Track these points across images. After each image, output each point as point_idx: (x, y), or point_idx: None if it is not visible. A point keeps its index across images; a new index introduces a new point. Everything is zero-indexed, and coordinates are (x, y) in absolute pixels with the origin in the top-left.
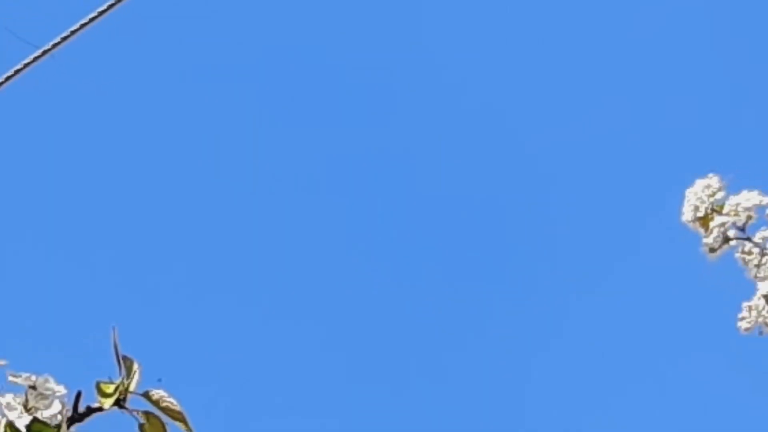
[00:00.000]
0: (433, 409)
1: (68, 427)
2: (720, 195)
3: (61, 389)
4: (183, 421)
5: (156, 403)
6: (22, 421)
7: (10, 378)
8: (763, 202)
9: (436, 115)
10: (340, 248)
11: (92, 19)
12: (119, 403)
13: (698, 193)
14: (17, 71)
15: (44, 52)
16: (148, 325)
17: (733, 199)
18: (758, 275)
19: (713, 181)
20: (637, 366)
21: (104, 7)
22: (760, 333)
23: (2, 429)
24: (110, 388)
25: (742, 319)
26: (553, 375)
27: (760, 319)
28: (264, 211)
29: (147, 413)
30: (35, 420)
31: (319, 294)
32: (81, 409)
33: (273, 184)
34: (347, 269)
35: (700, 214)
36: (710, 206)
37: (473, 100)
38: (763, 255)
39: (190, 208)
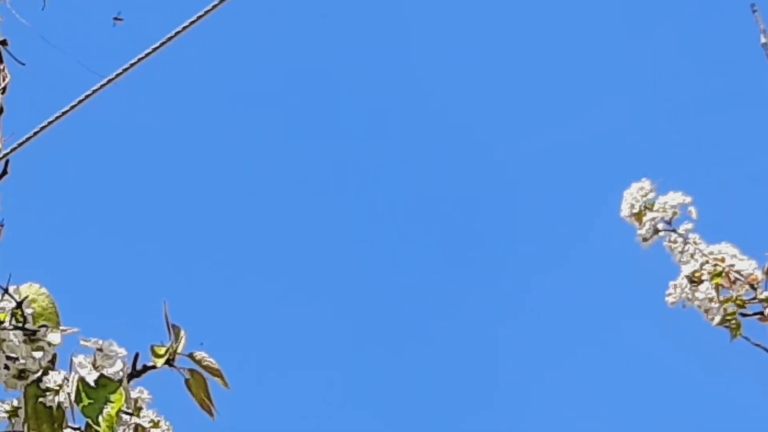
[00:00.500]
0: (422, 361)
1: (128, 381)
2: (651, 195)
3: (122, 351)
4: (220, 376)
5: (199, 362)
6: (92, 376)
7: (82, 342)
8: (686, 201)
9: (421, 126)
10: (345, 237)
11: (148, 53)
12: (169, 362)
13: (633, 194)
14: (86, 96)
15: (108, 81)
16: (191, 299)
17: (661, 199)
18: (681, 260)
19: (646, 184)
20: (585, 331)
21: (163, 39)
22: (683, 306)
23: (75, 383)
24: (162, 350)
25: (669, 294)
26: (517, 335)
27: (683, 295)
28: (286, 205)
29: (191, 370)
30: (102, 376)
31: (329, 274)
32: (138, 367)
33: (287, 185)
34: (353, 254)
35: (635, 210)
36: (643, 204)
37: (453, 114)
38: (685, 244)
39: (221, 205)
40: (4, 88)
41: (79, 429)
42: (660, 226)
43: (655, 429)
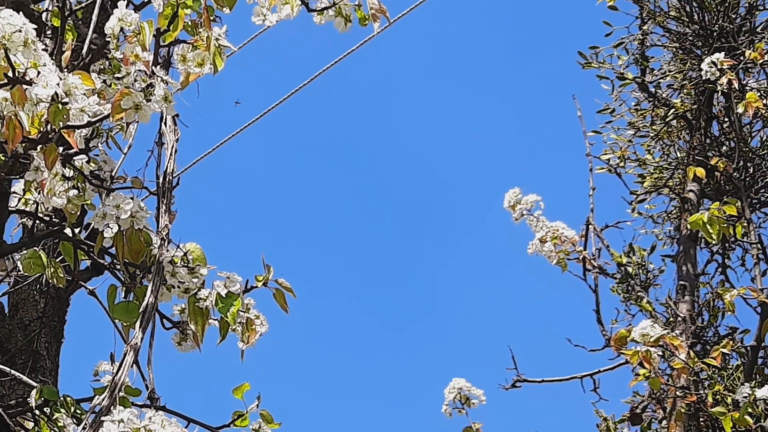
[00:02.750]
0: (399, 286)
1: (243, 294)
2: (519, 195)
3: (239, 278)
4: (291, 291)
5: (280, 284)
6: (223, 291)
7: (219, 273)
8: (538, 199)
9: (394, 159)
10: (355, 219)
11: (252, 121)
12: (265, 284)
13: (510, 195)
14: (219, 145)
15: (231, 136)
16: (276, 252)
17: (524, 198)
18: (535, 230)
19: (516, 190)
20: (488, 266)
21: (277, 102)
22: (537, 254)
23: (215, 295)
24: (261, 278)
25: (529, 248)
26: (451, 268)
27: (537, 248)
28: (328, 201)
29: (276, 288)
30: (229, 292)
31: (349, 245)
32: (248, 287)
33: (331, 194)
34: (361, 229)
35: (511, 204)
36: (515, 200)
37: (413, 151)
38: (537, 221)
39: (291, 204)
40: (177, 139)
41: (216, 320)
42: (524, 212)
43: (525, 316)
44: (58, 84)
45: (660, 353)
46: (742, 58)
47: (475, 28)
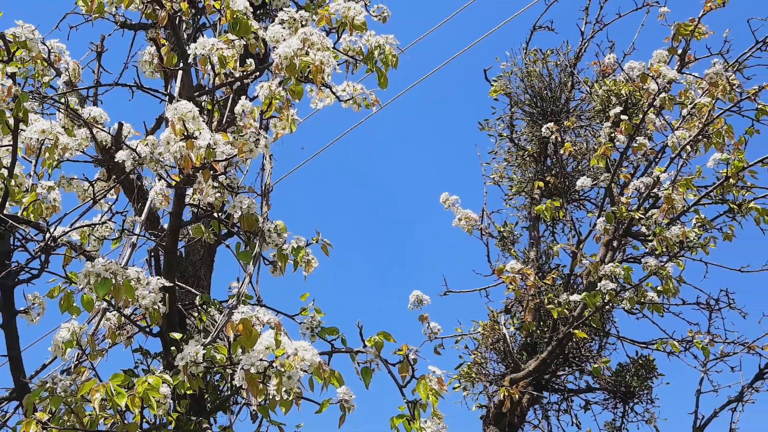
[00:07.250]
0: (389, 251)
1: (305, 247)
2: (448, 196)
3: (304, 239)
4: (330, 245)
5: (325, 242)
6: (294, 244)
7: (293, 236)
8: (456, 198)
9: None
10: (362, 205)
11: (307, 160)
12: (316, 242)
13: (443, 196)
14: (292, 169)
15: (297, 167)
16: (324, 225)
17: (451, 197)
18: (456, 214)
19: (446, 193)
20: (436, 234)
21: (322, 149)
22: (457, 226)
23: (290, 248)
24: (315, 238)
25: (453, 223)
26: (417, 237)
27: (457, 224)
28: (351, 205)
29: (323, 244)
30: (299, 245)
31: (355, 217)
32: (308, 242)
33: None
34: (363, 212)
35: (444, 200)
36: (446, 198)
37: (391, 170)
38: (457, 210)
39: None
40: (271, 167)
41: (292, 260)
42: (450, 204)
43: (452, 259)
44: (209, 138)
45: (520, 277)
46: (562, 125)
47: (425, 109)
